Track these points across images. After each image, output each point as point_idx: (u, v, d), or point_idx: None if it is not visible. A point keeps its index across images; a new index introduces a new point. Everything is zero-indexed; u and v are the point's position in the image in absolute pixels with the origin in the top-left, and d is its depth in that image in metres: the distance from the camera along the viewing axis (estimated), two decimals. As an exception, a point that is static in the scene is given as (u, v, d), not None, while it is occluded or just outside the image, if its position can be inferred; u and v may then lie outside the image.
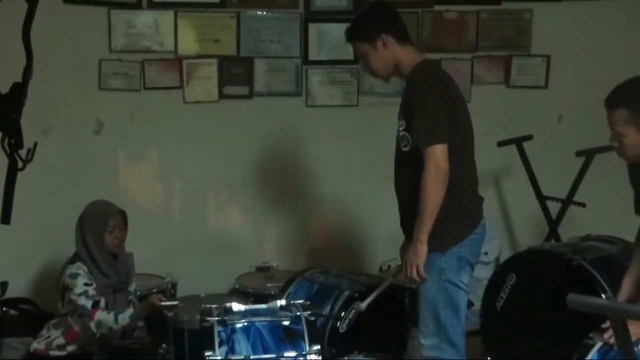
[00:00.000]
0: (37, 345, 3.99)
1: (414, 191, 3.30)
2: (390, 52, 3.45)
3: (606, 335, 3.05)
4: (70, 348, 3.97)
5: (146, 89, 5.27)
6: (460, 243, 3.37)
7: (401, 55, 3.47)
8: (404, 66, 3.47)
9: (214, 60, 5.39)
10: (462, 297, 3.43)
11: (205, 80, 5.38)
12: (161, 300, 3.87)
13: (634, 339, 2.47)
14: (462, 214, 3.40)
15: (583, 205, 5.06)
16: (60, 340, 3.96)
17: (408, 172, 3.37)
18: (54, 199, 5.05)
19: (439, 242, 3.33)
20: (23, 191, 2.53)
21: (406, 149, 3.38)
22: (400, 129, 3.42)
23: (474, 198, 3.52)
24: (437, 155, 3.24)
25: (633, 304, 3.03)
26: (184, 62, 5.33)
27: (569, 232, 4.97)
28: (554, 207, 5.22)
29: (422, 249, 3.30)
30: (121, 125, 5.27)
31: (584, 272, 3.82)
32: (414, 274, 3.33)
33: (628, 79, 3.09)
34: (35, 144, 2.62)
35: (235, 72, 5.42)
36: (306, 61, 5.48)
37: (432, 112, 3.29)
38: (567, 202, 5.15)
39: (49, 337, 3.99)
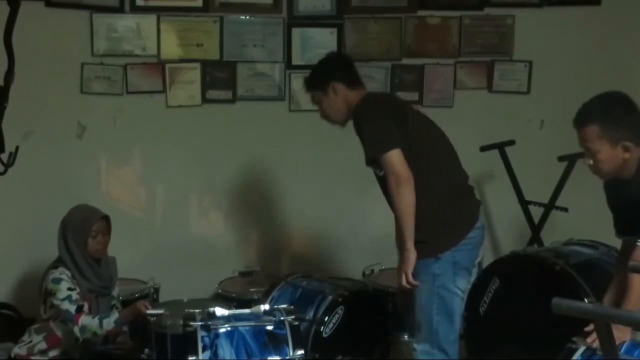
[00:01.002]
0: (19, 350, 3.97)
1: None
2: (341, 97, 3.62)
3: (589, 339, 3.06)
4: (52, 353, 3.95)
5: (128, 93, 5.26)
6: (454, 248, 3.38)
7: (351, 99, 3.61)
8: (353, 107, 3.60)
9: (197, 65, 5.38)
10: (457, 303, 3.44)
11: (188, 85, 5.37)
12: (147, 308, 3.86)
13: (617, 343, 2.49)
14: (450, 218, 3.41)
15: (565, 209, 5.08)
16: (42, 346, 3.94)
17: None
18: (35, 203, 5.02)
19: (430, 248, 3.35)
20: (4, 195, 2.52)
21: (382, 173, 3.44)
22: None
23: (464, 202, 3.53)
24: (392, 161, 3.33)
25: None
26: (167, 66, 5.32)
27: (551, 236, 4.99)
28: (536, 212, 5.24)
29: (410, 255, 3.32)
30: (103, 129, 5.25)
31: (566, 277, 3.83)
32: (404, 283, 3.36)
33: (593, 97, 3.14)
34: (17, 148, 2.61)
35: (218, 77, 5.42)
36: (289, 66, 5.47)
37: (375, 124, 3.41)
38: (549, 206, 5.17)
39: (30, 342, 3.96)
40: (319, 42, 5.49)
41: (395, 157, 3.33)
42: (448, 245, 3.38)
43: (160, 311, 3.90)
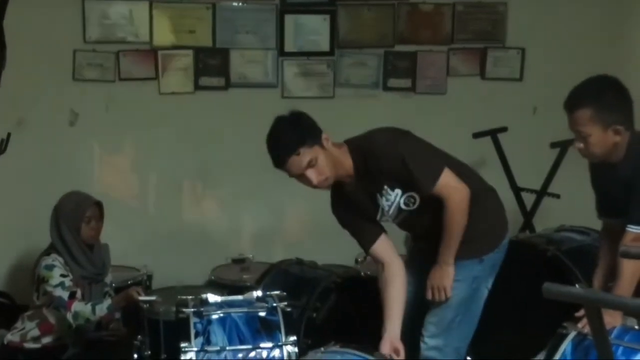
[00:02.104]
0: (12, 337, 3.97)
1: (437, 223, 3.21)
2: (331, 148, 3.24)
3: (580, 325, 3.08)
4: (45, 340, 3.95)
5: (121, 79, 5.25)
6: (497, 249, 3.32)
7: (335, 152, 3.26)
8: (342, 161, 3.27)
9: (190, 52, 5.37)
10: (482, 305, 3.38)
11: (180, 72, 5.36)
12: (139, 294, 3.86)
13: (608, 328, 2.50)
14: (494, 220, 3.36)
15: (557, 196, 5.09)
16: (35, 332, 3.94)
17: (428, 215, 3.26)
18: (28, 191, 5.01)
19: (476, 249, 3.26)
20: (-3, 182, 2.52)
21: (415, 206, 3.26)
22: (398, 197, 3.26)
23: (499, 204, 3.45)
24: (449, 181, 3.17)
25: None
26: (159, 53, 5.31)
27: (543, 223, 5.00)
28: (528, 198, 5.25)
29: (451, 270, 3.24)
30: (96, 116, 5.25)
31: (558, 263, 3.85)
32: (442, 297, 3.27)
33: (584, 81, 3.14)
34: (9, 135, 2.61)
35: (211, 64, 5.41)
36: (282, 52, 5.47)
37: (417, 155, 3.20)
38: (541, 193, 5.18)
39: (23, 329, 3.97)
40: (311, 29, 5.49)
41: (449, 178, 3.16)
42: (492, 247, 3.30)
43: (153, 298, 3.90)
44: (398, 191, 3.26)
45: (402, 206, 3.29)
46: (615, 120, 3.04)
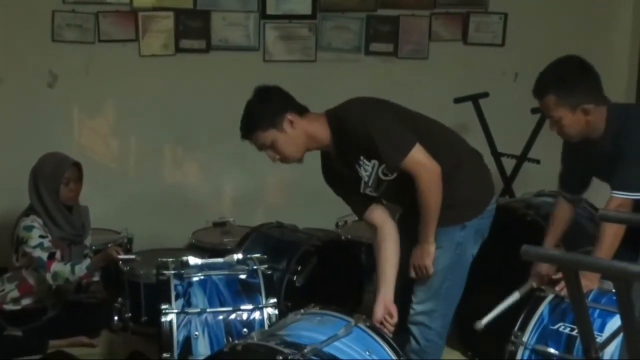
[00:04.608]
0: (-9, 299, 3.97)
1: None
2: (299, 129, 3.23)
3: (557, 288, 3.12)
4: (25, 302, 3.95)
5: (101, 41, 5.19)
6: (481, 215, 3.29)
7: (309, 127, 3.25)
8: (318, 134, 3.26)
9: (170, 13, 5.31)
10: (467, 270, 3.38)
11: (161, 34, 5.31)
12: (119, 253, 3.86)
13: (585, 291, 2.53)
14: (477, 186, 3.33)
15: (537, 161, 5.12)
16: (15, 294, 3.94)
17: (411, 184, 3.18)
18: (6, 153, 4.98)
19: (458, 215, 3.23)
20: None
21: (392, 176, 3.22)
22: (376, 167, 3.23)
23: (484, 169, 3.42)
24: (419, 158, 3.12)
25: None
26: (140, 14, 5.25)
27: (523, 188, 5.03)
28: (508, 164, 5.28)
29: (432, 248, 3.23)
30: (75, 78, 5.20)
31: (537, 227, 3.87)
32: (425, 275, 3.26)
33: (547, 66, 3.18)
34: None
35: (192, 26, 5.36)
36: (264, 15, 5.42)
37: (386, 129, 3.15)
38: (521, 158, 5.21)
39: (2, 290, 3.97)
40: (294, -7, 5.45)
41: (420, 154, 3.11)
42: (475, 213, 3.27)
43: (132, 256, 3.91)
44: (375, 162, 3.22)
45: (381, 176, 3.25)
46: (581, 100, 3.09)
